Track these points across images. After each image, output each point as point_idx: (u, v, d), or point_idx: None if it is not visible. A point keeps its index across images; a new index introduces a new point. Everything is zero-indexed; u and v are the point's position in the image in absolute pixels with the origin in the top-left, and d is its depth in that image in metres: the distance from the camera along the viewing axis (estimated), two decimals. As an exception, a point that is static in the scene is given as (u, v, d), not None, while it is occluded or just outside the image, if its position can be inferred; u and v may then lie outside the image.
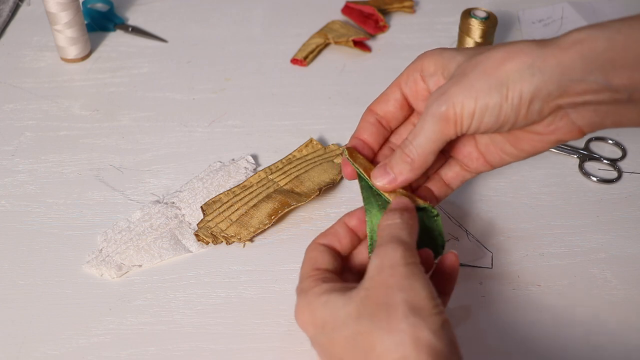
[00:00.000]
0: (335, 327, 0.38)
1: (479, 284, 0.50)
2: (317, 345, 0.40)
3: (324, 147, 0.61)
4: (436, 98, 0.42)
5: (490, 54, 0.41)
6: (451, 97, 0.41)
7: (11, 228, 0.54)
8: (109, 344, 0.46)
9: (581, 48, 0.39)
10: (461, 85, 0.41)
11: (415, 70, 0.45)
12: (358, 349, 0.37)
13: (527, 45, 0.40)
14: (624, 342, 0.46)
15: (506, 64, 0.40)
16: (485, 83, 0.40)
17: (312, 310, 0.40)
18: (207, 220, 0.54)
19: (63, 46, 0.70)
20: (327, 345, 0.39)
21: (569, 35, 0.40)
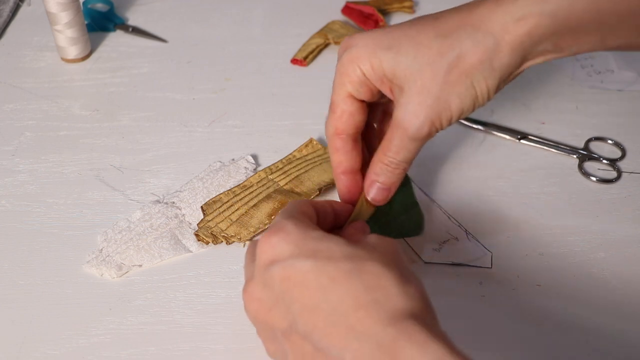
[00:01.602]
0: (332, 258, 0.35)
1: (478, 284, 0.50)
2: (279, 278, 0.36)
3: (324, 147, 0.61)
4: (411, 120, 0.42)
5: (440, 53, 0.41)
6: (428, 116, 0.41)
7: (11, 228, 0.54)
8: (109, 344, 0.46)
9: (528, 28, 0.40)
10: (433, 100, 0.41)
11: (355, 75, 0.43)
12: (359, 282, 0.34)
13: (472, 38, 0.40)
14: (624, 342, 0.46)
15: (464, 65, 0.41)
16: (453, 91, 0.41)
17: (302, 237, 0.37)
18: (207, 220, 0.54)
19: (63, 46, 0.70)
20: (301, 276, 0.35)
21: (509, 10, 0.40)
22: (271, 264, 0.36)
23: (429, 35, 0.41)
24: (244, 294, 0.38)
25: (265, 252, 0.37)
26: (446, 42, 0.41)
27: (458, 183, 0.58)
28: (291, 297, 0.35)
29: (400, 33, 0.42)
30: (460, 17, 0.41)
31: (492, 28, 0.40)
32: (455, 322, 0.47)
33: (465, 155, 0.61)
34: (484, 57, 0.40)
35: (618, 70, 0.70)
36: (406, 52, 0.41)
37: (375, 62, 0.42)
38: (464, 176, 0.58)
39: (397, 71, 0.42)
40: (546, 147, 0.61)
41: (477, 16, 0.41)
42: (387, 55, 0.42)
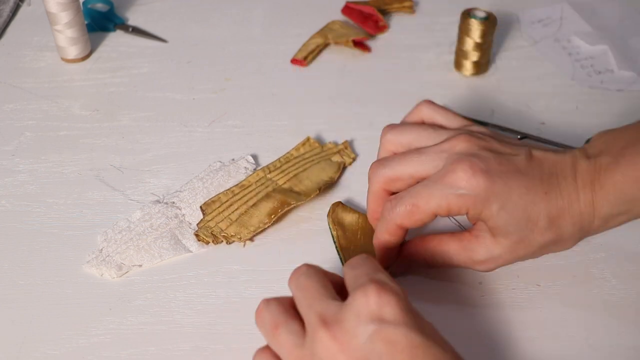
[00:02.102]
0: (433, 337, 0.36)
1: (478, 284, 0.50)
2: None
3: (321, 146, 0.61)
4: (486, 264, 0.47)
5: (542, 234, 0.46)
6: (497, 265, 0.47)
7: (11, 228, 0.54)
8: (109, 344, 0.46)
9: (607, 221, 0.47)
10: (512, 259, 0.47)
11: (454, 211, 0.45)
12: None
13: (572, 231, 0.46)
14: (624, 342, 0.46)
15: (554, 248, 0.47)
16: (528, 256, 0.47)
17: (410, 308, 0.37)
18: (207, 220, 0.54)
19: (63, 46, 0.70)
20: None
21: (596, 212, 0.46)
22: (376, 321, 0.35)
23: (541, 214, 0.45)
24: (322, 329, 0.36)
25: (373, 305, 0.36)
26: (549, 231, 0.45)
27: (458, 183, 0.58)
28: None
29: (516, 193, 0.44)
30: (566, 203, 0.45)
31: (583, 225, 0.46)
32: (456, 323, 0.47)
33: (465, 155, 0.60)
34: (572, 243, 0.47)
35: (618, 70, 0.70)
36: (517, 222, 0.44)
37: (485, 214, 0.44)
38: (464, 176, 0.58)
39: (500, 229, 0.45)
40: (546, 147, 0.61)
41: (574, 213, 0.45)
42: (500, 214, 0.44)
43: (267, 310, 0.39)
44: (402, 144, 0.49)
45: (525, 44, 0.75)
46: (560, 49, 0.73)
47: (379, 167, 0.48)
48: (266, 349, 0.40)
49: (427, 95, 0.67)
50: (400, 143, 0.49)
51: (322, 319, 0.36)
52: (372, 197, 0.49)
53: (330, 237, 0.53)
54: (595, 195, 0.45)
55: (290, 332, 0.38)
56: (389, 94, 0.68)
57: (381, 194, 0.49)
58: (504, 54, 0.73)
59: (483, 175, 0.44)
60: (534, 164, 0.46)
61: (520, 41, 0.75)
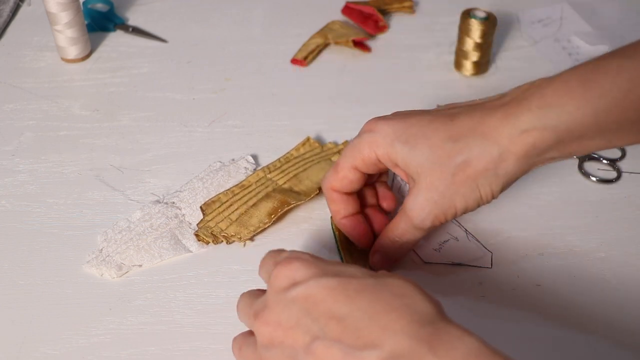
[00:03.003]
0: (354, 276, 0.37)
1: (478, 284, 0.50)
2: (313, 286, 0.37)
3: (321, 146, 0.61)
4: (418, 212, 0.46)
5: (449, 155, 0.44)
6: (432, 211, 0.46)
7: (11, 228, 0.54)
8: (109, 344, 0.46)
9: (533, 140, 0.43)
10: (439, 197, 0.45)
11: (368, 157, 0.47)
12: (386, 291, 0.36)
13: (480, 146, 0.44)
14: (624, 342, 0.46)
15: (470, 170, 0.44)
16: (458, 191, 0.45)
17: (322, 263, 0.38)
18: (207, 220, 0.54)
19: (63, 46, 0.70)
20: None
21: (514, 123, 0.43)
22: (291, 287, 0.37)
23: (442, 137, 0.45)
24: (256, 322, 0.38)
25: (284, 277, 0.37)
26: (456, 146, 0.44)
27: (458, 183, 0.58)
28: (316, 311, 0.35)
29: (417, 129, 0.46)
30: (472, 124, 0.44)
31: (500, 139, 0.43)
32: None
33: (465, 155, 0.61)
34: (489, 165, 0.44)
35: (618, 70, 0.70)
36: (420, 150, 0.45)
37: (391, 153, 0.46)
38: (464, 176, 0.58)
39: (411, 165, 0.46)
40: (546, 147, 0.61)
41: (486, 126, 0.44)
42: (403, 149, 0.45)
43: (234, 342, 0.42)
44: None
45: (525, 44, 0.75)
46: (560, 49, 0.73)
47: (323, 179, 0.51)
48: None
49: (427, 95, 0.67)
50: None
51: (255, 313, 0.39)
52: (328, 202, 0.51)
53: (331, 238, 0.53)
54: (515, 108, 0.44)
55: (248, 345, 0.40)
56: (389, 94, 0.68)
57: (334, 196, 0.50)
58: (504, 54, 0.73)
59: (384, 120, 0.47)
60: (443, 113, 0.46)
61: (520, 41, 0.75)
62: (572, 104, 0.42)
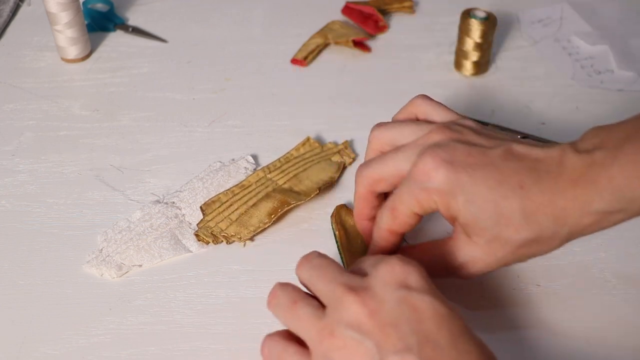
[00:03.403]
0: (454, 312, 0.38)
1: (478, 284, 0.50)
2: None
3: (321, 146, 0.61)
4: (467, 266, 0.44)
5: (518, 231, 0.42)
6: (481, 270, 0.44)
7: (11, 228, 0.54)
8: (109, 344, 0.46)
9: (600, 219, 0.42)
10: (494, 262, 0.44)
11: (429, 207, 0.44)
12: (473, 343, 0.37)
13: (552, 229, 0.42)
14: (624, 342, 0.46)
15: (534, 251, 0.43)
16: (516, 259, 0.44)
17: (429, 278, 0.39)
18: (207, 220, 0.54)
19: (63, 46, 0.71)
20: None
21: (585, 207, 0.41)
22: (402, 287, 0.37)
23: (514, 209, 0.41)
24: (350, 295, 0.37)
25: (397, 274, 0.37)
26: (526, 224, 0.41)
27: (458, 183, 0.58)
28: (419, 327, 0.35)
29: (485, 191, 0.42)
30: (543, 201, 0.41)
31: (569, 221, 0.42)
32: (455, 322, 0.47)
33: (465, 155, 0.60)
34: (555, 244, 0.43)
35: (618, 70, 0.70)
36: (488, 215, 0.41)
37: (454, 209, 0.42)
38: (464, 176, 0.58)
39: (472, 227, 0.42)
40: (546, 147, 0.61)
41: (558, 208, 0.41)
42: (470, 210, 0.42)
43: (282, 290, 0.40)
44: (386, 141, 0.47)
45: (525, 44, 0.75)
46: (560, 49, 0.73)
47: (363, 169, 0.47)
48: (276, 334, 0.40)
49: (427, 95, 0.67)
50: (385, 141, 0.48)
51: (349, 286, 0.37)
52: (358, 200, 0.48)
53: (331, 238, 0.53)
54: (585, 190, 0.41)
55: (310, 306, 0.38)
56: (389, 94, 0.68)
57: (367, 196, 0.48)
58: (504, 54, 0.73)
59: (445, 165, 0.42)
60: (511, 158, 0.42)
61: (520, 41, 0.75)
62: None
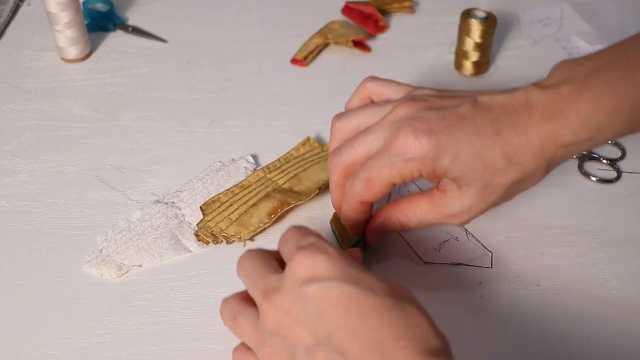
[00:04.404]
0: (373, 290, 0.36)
1: (478, 284, 0.50)
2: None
3: (321, 146, 0.61)
4: (460, 214, 0.46)
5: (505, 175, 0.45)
6: (475, 215, 0.47)
7: (11, 228, 0.54)
8: (109, 344, 0.46)
9: (573, 151, 0.46)
10: (488, 205, 0.46)
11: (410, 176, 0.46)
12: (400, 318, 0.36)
13: (534, 165, 0.45)
14: (624, 342, 0.46)
15: (523, 186, 0.47)
16: (508, 198, 0.47)
17: (345, 263, 0.37)
18: (207, 220, 0.54)
19: (63, 46, 0.71)
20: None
21: (558, 141, 0.45)
22: (310, 281, 0.36)
23: (497, 156, 0.44)
24: (265, 302, 0.37)
25: (305, 268, 0.36)
26: (512, 168, 0.45)
27: (458, 183, 0.58)
28: (328, 317, 0.35)
29: (467, 145, 0.44)
30: (520, 142, 0.44)
31: (547, 156, 0.45)
32: (456, 322, 0.47)
33: (465, 155, 0.60)
34: (539, 178, 0.46)
35: (618, 70, 0.70)
36: (474, 168, 0.44)
37: (439, 170, 0.45)
38: (464, 176, 0.58)
39: (462, 179, 0.45)
40: (546, 147, 0.61)
41: (535, 147, 0.44)
42: (455, 166, 0.44)
43: (225, 305, 0.41)
44: (351, 129, 0.49)
45: (525, 44, 0.75)
46: (560, 49, 0.73)
47: (335, 157, 0.48)
48: (240, 346, 0.42)
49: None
50: (349, 129, 0.49)
51: (264, 292, 0.38)
52: (335, 189, 0.50)
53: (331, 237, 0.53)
54: (557, 124, 0.44)
55: (247, 317, 0.39)
56: (389, 94, 0.68)
57: (343, 182, 0.49)
58: (504, 54, 0.73)
59: (426, 135, 0.44)
60: (480, 109, 0.45)
61: (520, 41, 0.75)
62: (608, 119, 0.44)
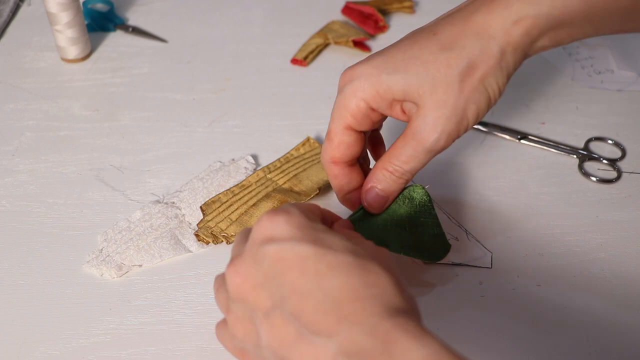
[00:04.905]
0: (333, 248, 0.35)
1: (478, 284, 0.50)
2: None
3: (321, 146, 0.61)
4: (430, 132, 0.43)
5: (449, 65, 0.42)
6: (446, 129, 0.43)
7: (11, 228, 0.54)
8: (109, 344, 0.46)
9: (526, 29, 0.41)
10: (450, 111, 0.42)
11: (357, 108, 0.44)
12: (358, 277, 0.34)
13: (477, 46, 0.42)
14: (624, 342, 0.46)
15: (476, 72, 0.42)
16: (470, 99, 0.42)
17: (305, 224, 0.36)
18: (207, 220, 0.54)
19: (63, 46, 0.71)
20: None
21: (505, 14, 0.41)
22: (267, 242, 0.35)
23: (433, 51, 0.42)
24: (228, 268, 0.37)
25: (264, 229, 0.36)
26: (453, 54, 0.42)
27: (458, 183, 0.58)
28: (284, 279, 0.34)
29: (402, 55, 0.43)
30: (458, 28, 0.42)
31: (493, 33, 0.41)
32: (456, 322, 0.47)
33: (465, 155, 0.61)
34: (492, 61, 0.42)
35: (618, 70, 0.70)
36: (415, 71, 0.42)
37: (381, 88, 0.43)
38: (464, 176, 0.58)
39: (410, 90, 0.42)
40: (546, 147, 0.61)
41: (475, 24, 0.42)
42: (394, 78, 0.42)
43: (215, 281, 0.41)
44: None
45: (525, 44, 0.75)
46: (560, 49, 0.73)
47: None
48: (221, 320, 0.41)
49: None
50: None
51: (230, 259, 0.38)
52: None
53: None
54: (496, 4, 0.41)
55: (223, 291, 0.38)
56: (389, 94, 0.68)
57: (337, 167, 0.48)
58: (504, 54, 0.73)
59: (360, 63, 0.44)
60: (422, 33, 0.44)
61: (520, 41, 0.75)
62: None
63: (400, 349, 0.31)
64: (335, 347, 0.32)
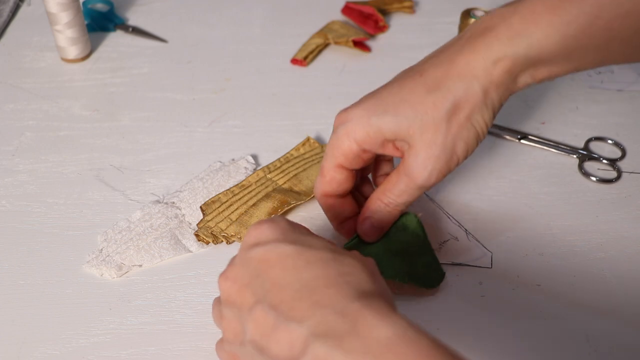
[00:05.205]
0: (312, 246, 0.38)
1: (478, 284, 0.50)
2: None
3: (321, 146, 0.61)
4: (420, 171, 0.45)
5: (436, 106, 0.44)
6: (436, 167, 0.45)
7: (11, 228, 0.54)
8: (109, 344, 0.46)
9: (507, 67, 0.43)
10: (440, 150, 0.44)
11: (349, 149, 0.46)
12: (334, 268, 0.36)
13: (461, 86, 0.43)
14: (624, 342, 0.46)
15: (462, 111, 0.44)
16: (458, 136, 0.44)
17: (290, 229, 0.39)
18: (207, 220, 0.54)
19: (63, 46, 0.71)
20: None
21: (485, 55, 0.43)
22: (254, 246, 0.38)
23: (421, 93, 0.44)
24: (219, 277, 0.39)
25: (251, 237, 0.39)
26: (439, 95, 0.44)
27: (458, 183, 0.58)
28: (266, 276, 0.36)
29: (392, 97, 0.45)
30: (443, 69, 0.44)
31: (476, 73, 0.43)
32: (456, 322, 0.47)
33: (465, 155, 0.61)
34: (477, 99, 0.44)
35: (618, 70, 0.70)
36: (404, 113, 0.44)
37: (372, 130, 0.45)
38: (464, 176, 0.58)
39: (400, 131, 0.45)
40: (546, 147, 0.61)
41: (459, 65, 0.44)
42: (384, 120, 0.45)
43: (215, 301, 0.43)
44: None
45: (525, 44, 0.75)
46: (560, 49, 0.73)
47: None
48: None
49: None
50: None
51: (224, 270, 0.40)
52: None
53: (331, 237, 0.53)
54: (484, 39, 0.43)
55: (218, 303, 0.41)
56: (389, 94, 0.68)
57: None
58: (504, 54, 0.73)
59: (353, 106, 0.46)
60: (409, 75, 0.46)
61: (520, 41, 0.75)
62: (540, 32, 0.42)
63: (367, 326, 0.32)
64: (307, 331, 0.33)
